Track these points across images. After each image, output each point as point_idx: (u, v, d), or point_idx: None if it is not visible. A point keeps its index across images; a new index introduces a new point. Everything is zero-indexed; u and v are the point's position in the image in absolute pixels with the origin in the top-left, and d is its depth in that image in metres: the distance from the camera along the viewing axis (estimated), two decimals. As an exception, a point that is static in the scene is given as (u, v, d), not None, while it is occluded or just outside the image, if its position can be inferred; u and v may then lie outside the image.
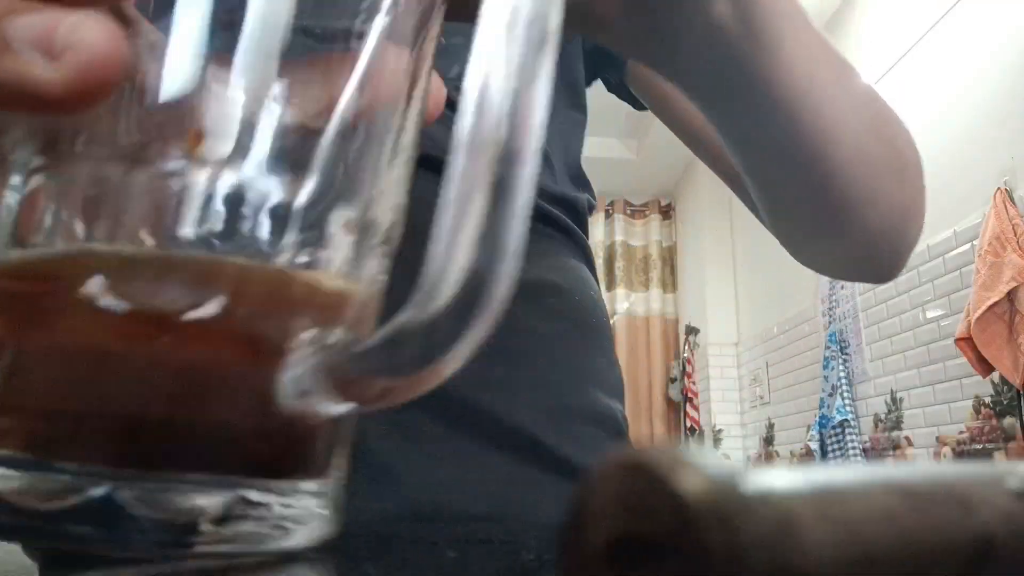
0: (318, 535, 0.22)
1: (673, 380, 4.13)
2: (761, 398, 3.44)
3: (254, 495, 0.19)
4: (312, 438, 0.21)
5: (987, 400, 1.93)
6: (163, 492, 0.17)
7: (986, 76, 2.00)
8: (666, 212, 4.56)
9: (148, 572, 0.19)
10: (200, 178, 0.18)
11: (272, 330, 0.19)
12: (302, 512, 0.21)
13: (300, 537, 0.21)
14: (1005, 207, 1.79)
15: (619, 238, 4.43)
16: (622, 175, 4.32)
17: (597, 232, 4.45)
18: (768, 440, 3.36)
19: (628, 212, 4.53)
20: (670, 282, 4.42)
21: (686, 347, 4.03)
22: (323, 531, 0.22)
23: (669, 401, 4.15)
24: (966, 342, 1.81)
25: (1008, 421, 1.85)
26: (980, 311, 1.72)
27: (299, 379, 0.18)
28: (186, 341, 0.18)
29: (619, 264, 4.40)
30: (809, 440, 2.66)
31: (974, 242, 1.93)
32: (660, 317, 4.31)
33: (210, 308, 0.18)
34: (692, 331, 4.00)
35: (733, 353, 3.79)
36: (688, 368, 3.97)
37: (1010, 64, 1.91)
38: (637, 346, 4.25)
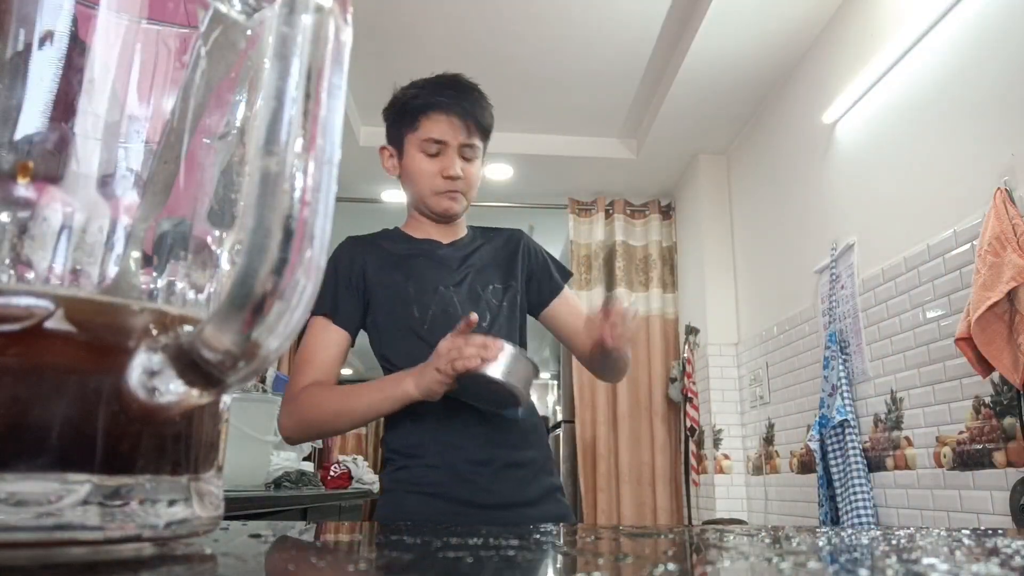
0: (189, 528, 0.22)
1: (673, 380, 4.13)
2: (761, 398, 3.44)
3: (114, 488, 0.20)
4: (174, 435, 0.22)
5: (987, 400, 1.92)
6: (21, 487, 0.18)
7: (986, 76, 2.00)
8: (666, 212, 4.55)
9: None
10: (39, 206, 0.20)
11: (114, 334, 0.20)
12: (171, 506, 0.21)
13: (170, 529, 0.21)
14: (1005, 207, 1.78)
15: (619, 238, 4.43)
16: (622, 175, 4.32)
17: (597, 232, 4.44)
18: (768, 440, 3.35)
19: (628, 212, 4.53)
20: (670, 282, 4.42)
21: (686, 347, 4.03)
22: (194, 524, 0.22)
23: (669, 401, 4.15)
24: (966, 342, 1.80)
25: (1008, 421, 1.84)
26: (980, 311, 1.72)
27: (148, 362, 0.19)
28: (30, 351, 0.19)
29: (619, 264, 4.39)
30: (809, 440, 2.66)
31: (974, 242, 1.93)
32: (660, 317, 4.31)
33: (45, 321, 0.19)
34: (692, 331, 4.00)
35: (733, 353, 3.78)
36: (688, 368, 3.96)
37: (1010, 63, 1.90)
38: (637, 346, 4.25)
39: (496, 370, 1.02)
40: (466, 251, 1.35)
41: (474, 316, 1.08)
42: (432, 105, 1.26)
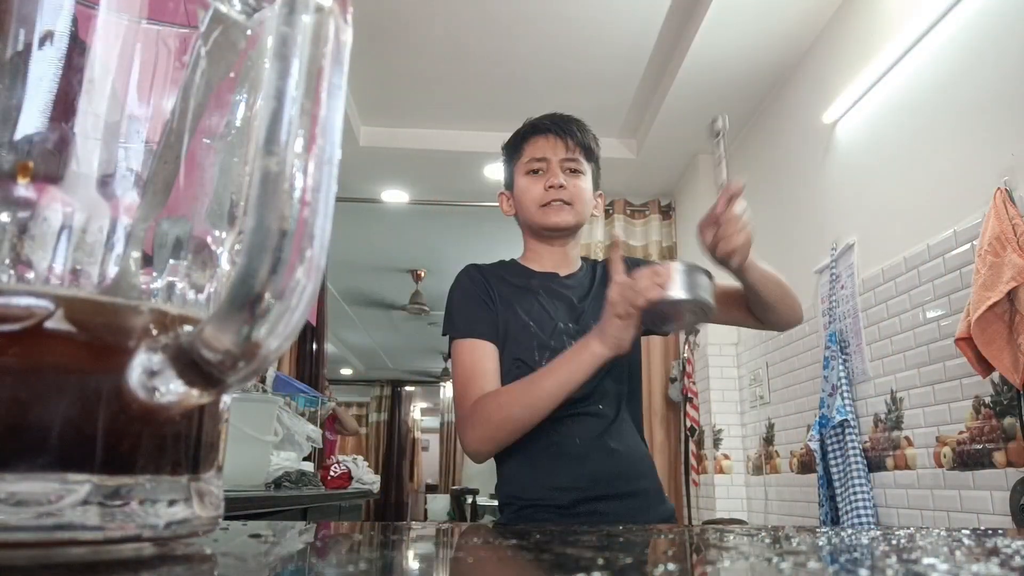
0: (189, 528, 0.22)
1: (673, 380, 4.13)
2: (761, 398, 3.44)
3: (114, 488, 0.20)
4: (174, 435, 0.22)
5: (987, 400, 1.92)
6: (21, 487, 0.18)
7: (986, 75, 2.00)
8: (666, 212, 4.55)
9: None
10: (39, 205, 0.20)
11: (114, 334, 0.20)
12: (171, 506, 0.21)
13: (170, 529, 0.21)
14: (1005, 207, 1.78)
15: (619, 238, 4.43)
16: (622, 175, 4.32)
17: (597, 232, 4.44)
18: (768, 440, 3.35)
19: (628, 212, 4.53)
20: (670, 282, 4.41)
21: (686, 347, 4.03)
22: (194, 524, 0.22)
23: (669, 401, 4.15)
24: (966, 342, 1.80)
25: (1008, 421, 1.84)
26: (980, 311, 1.72)
27: (148, 362, 0.19)
28: (30, 351, 0.19)
29: (619, 264, 4.39)
30: (809, 440, 2.66)
31: (974, 242, 1.93)
32: (660, 317, 4.31)
33: (44, 321, 0.19)
34: (692, 331, 4.00)
35: (733, 353, 3.78)
36: (688, 368, 3.96)
37: (1011, 63, 1.90)
38: (637, 346, 4.25)
39: (678, 291, 1.00)
40: (582, 284, 1.34)
41: (617, 252, 1.11)
42: (531, 130, 1.34)
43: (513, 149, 1.36)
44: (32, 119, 0.21)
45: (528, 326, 1.24)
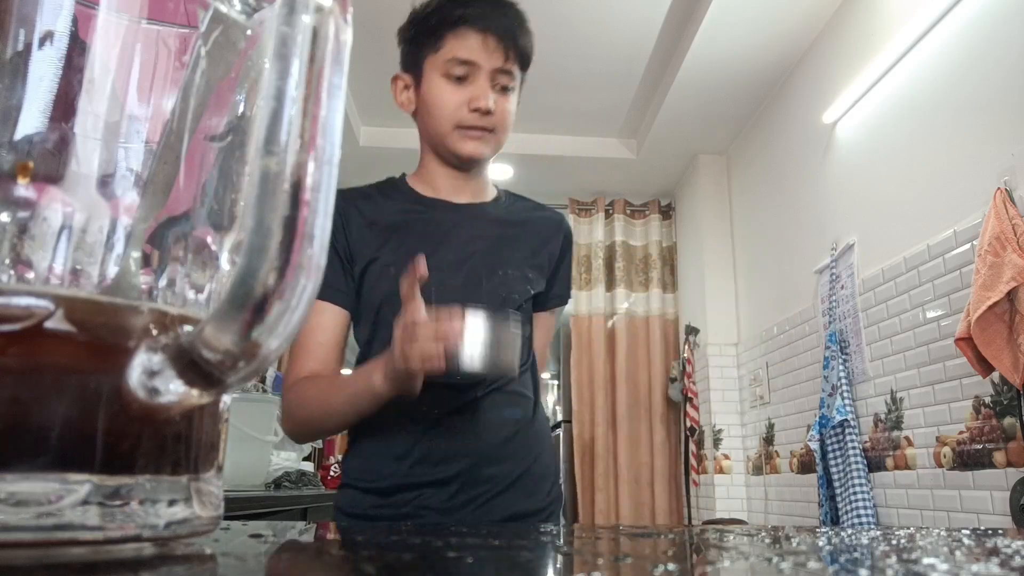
0: (189, 528, 0.22)
1: (673, 380, 4.13)
2: (761, 398, 3.44)
3: (114, 488, 0.20)
4: (174, 435, 0.22)
5: (987, 400, 1.92)
6: (21, 487, 0.18)
7: (986, 75, 2.00)
8: (666, 212, 4.55)
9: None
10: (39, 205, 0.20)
11: (114, 334, 0.20)
12: (171, 506, 0.21)
13: (170, 529, 0.21)
14: (1005, 207, 1.78)
15: (619, 238, 4.43)
16: (622, 175, 4.32)
17: (597, 232, 4.44)
18: (768, 440, 3.35)
19: (628, 212, 4.53)
20: (670, 282, 4.42)
21: (686, 347, 4.03)
22: (194, 524, 0.22)
23: (669, 401, 4.15)
24: (966, 342, 1.80)
25: (1008, 421, 1.84)
26: (980, 311, 1.72)
27: (148, 362, 0.20)
28: (30, 351, 0.19)
29: (619, 264, 4.39)
30: (809, 440, 2.66)
31: (974, 242, 1.93)
32: (660, 317, 4.31)
33: (44, 321, 0.19)
34: (692, 331, 4.00)
35: (733, 353, 3.78)
36: (688, 368, 3.96)
37: (1011, 63, 1.90)
38: (637, 346, 4.25)
39: (471, 359, 0.78)
40: (485, 218, 1.05)
41: (421, 267, 0.79)
42: (461, 19, 0.97)
43: (428, 34, 1.00)
44: (32, 119, 0.21)
45: (389, 270, 0.96)
